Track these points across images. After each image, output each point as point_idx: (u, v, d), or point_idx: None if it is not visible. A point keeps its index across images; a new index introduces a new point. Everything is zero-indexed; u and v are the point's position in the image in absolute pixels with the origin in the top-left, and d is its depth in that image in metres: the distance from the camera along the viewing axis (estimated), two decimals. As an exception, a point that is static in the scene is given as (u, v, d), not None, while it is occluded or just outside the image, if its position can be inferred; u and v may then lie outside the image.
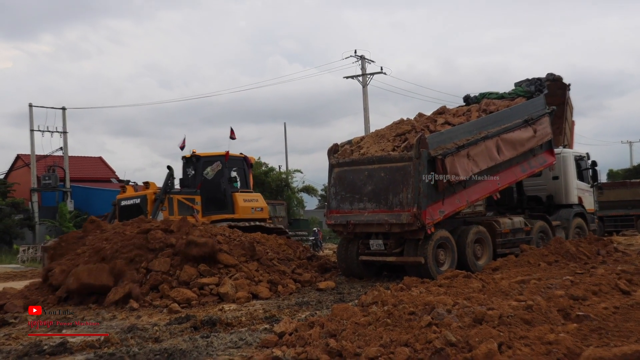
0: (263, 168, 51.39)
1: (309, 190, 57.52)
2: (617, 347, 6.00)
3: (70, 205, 44.60)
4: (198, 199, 20.95)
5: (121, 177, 57.28)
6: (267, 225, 21.73)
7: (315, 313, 12.24)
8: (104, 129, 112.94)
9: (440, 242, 17.18)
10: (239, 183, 22.82)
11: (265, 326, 11.28)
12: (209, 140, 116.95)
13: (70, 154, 47.58)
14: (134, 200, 20.48)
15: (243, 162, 23.14)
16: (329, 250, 29.87)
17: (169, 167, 20.94)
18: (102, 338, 10.36)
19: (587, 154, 24.25)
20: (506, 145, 18.90)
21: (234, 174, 22.76)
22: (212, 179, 21.34)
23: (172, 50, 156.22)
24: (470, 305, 9.33)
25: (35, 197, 44.57)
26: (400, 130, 18.51)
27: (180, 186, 22.00)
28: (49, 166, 46.14)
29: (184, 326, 11.45)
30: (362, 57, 47.00)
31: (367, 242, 17.89)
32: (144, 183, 21.58)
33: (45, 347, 9.97)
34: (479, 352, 7.13)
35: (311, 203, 65.49)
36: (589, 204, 23.69)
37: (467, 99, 22.39)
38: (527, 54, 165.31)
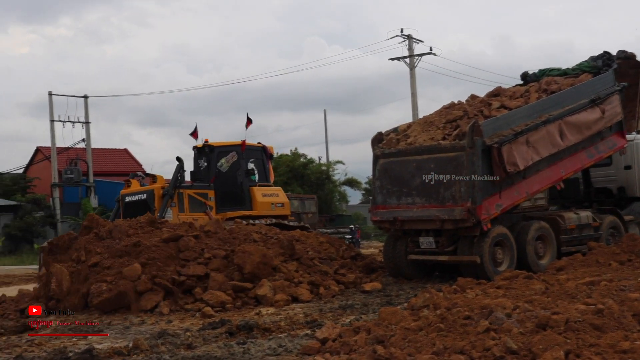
0: (302, 160, 51.50)
1: (352, 183, 57.59)
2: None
3: (94, 201, 45.04)
4: (212, 194, 20.33)
5: (148, 171, 57.74)
6: (288, 222, 21.26)
7: (361, 317, 12.21)
8: (129, 118, 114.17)
9: (497, 239, 16.98)
10: (257, 176, 21.80)
11: (307, 332, 11.29)
12: (243, 130, 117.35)
13: (93, 145, 48.07)
14: (140, 195, 19.75)
15: (262, 153, 22.34)
16: (374, 248, 29.80)
17: (178, 159, 20.28)
18: (131, 345, 10.43)
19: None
20: (570, 129, 18.45)
21: (251, 165, 21.67)
22: (227, 171, 20.76)
23: (201, 32, 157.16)
24: (532, 309, 9.23)
25: (56, 193, 45.10)
26: (450, 116, 18.29)
27: (191, 179, 21.46)
28: (70, 159, 46.59)
29: (219, 331, 11.49)
30: (409, 37, 46.83)
31: (417, 240, 17.73)
32: (151, 176, 20.93)
33: (71, 354, 10.06)
34: (544, 361, 7.04)
35: (354, 197, 65.51)
36: (668, 196, 23.21)
37: (525, 77, 21.99)
38: (595, 29, 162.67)
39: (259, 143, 22.74)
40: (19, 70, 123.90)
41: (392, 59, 48.71)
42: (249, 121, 23.55)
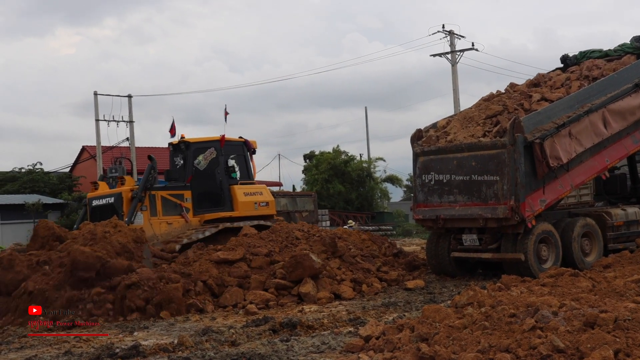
0: (343, 157, 51.61)
1: (393, 180, 57.65)
2: None
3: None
4: (188, 194, 18.60)
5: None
6: (271, 224, 19.10)
7: (404, 315, 12.21)
8: (172, 117, 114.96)
9: (542, 236, 16.85)
10: (238, 173, 20.05)
11: (350, 329, 11.29)
12: (285, 127, 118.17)
13: (137, 144, 48.43)
14: (107, 199, 18.00)
15: (243, 148, 20.42)
16: (416, 246, 29.74)
17: (150, 158, 18.84)
18: (176, 341, 10.54)
19: None
20: (614, 117, 18.15)
21: (232, 162, 19.93)
22: (205, 169, 18.94)
23: (242, 31, 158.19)
24: (579, 307, 9.12)
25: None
26: (490, 111, 18.13)
27: (166, 179, 19.87)
28: (115, 158, 46.88)
29: (262, 329, 11.55)
30: (450, 33, 46.66)
31: (460, 237, 17.69)
32: (119, 178, 18.93)
33: (117, 350, 10.19)
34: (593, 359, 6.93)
35: (396, 194, 65.40)
36: None
37: (566, 60, 21.63)
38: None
39: (240, 137, 20.89)
40: (65, 71, 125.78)
41: (434, 55, 48.67)
42: (226, 113, 22.69)
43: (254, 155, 20.81)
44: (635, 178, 21.33)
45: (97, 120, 45.24)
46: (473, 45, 47.38)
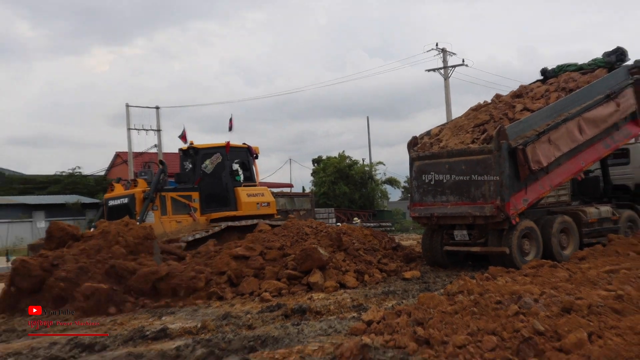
0: (347, 161, 51.60)
1: (391, 182, 57.54)
2: None
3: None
4: (196, 195, 18.35)
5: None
6: (270, 222, 18.84)
7: (402, 302, 12.19)
8: (195, 126, 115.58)
9: (524, 232, 16.87)
10: (242, 176, 19.60)
11: (353, 314, 11.27)
12: (296, 135, 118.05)
13: (164, 150, 48.49)
14: (122, 199, 17.73)
15: (247, 153, 20.10)
16: (412, 240, 29.69)
17: (161, 162, 18.95)
18: (199, 325, 10.54)
19: (679, 141, 23.38)
20: (588, 124, 18.20)
21: (236, 166, 19.49)
22: (211, 172, 18.71)
23: (256, 49, 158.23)
24: (557, 294, 9.16)
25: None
26: (478, 120, 18.22)
27: (176, 181, 19.80)
28: (145, 162, 46.92)
29: (275, 314, 11.57)
30: (443, 50, 46.63)
31: (451, 233, 17.76)
32: (132, 181, 18.78)
33: (148, 332, 10.24)
34: (569, 342, 6.97)
35: (394, 194, 65.38)
36: (680, 191, 22.90)
37: (545, 73, 21.65)
38: (614, 40, 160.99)
39: (244, 144, 20.44)
40: (101, 86, 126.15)
41: (428, 70, 48.72)
42: (231, 123, 22.39)
43: (256, 160, 20.50)
44: (607, 180, 21.37)
45: (129, 129, 45.41)
46: (463, 61, 47.47)
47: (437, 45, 46.79)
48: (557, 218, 17.91)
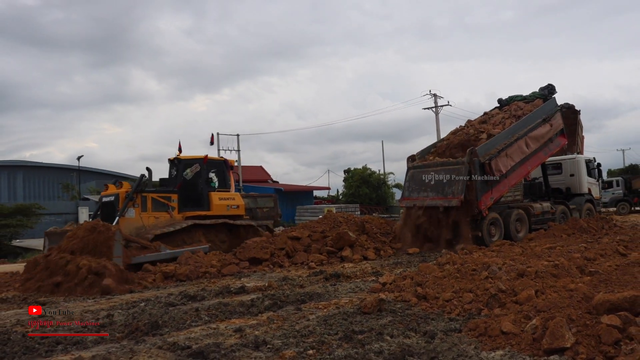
0: (368, 172, 51.42)
1: (399, 186, 56.88)
2: (619, 292, 5.78)
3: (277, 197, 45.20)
4: (175, 197, 16.03)
5: (274, 179, 58.27)
6: (234, 222, 16.65)
7: (407, 269, 12.14)
8: (263, 147, 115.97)
9: (492, 221, 16.77)
10: (216, 183, 17.44)
11: (373, 278, 11.29)
12: (332, 153, 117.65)
13: (242, 164, 48.63)
14: (110, 197, 15.70)
15: (223, 165, 17.67)
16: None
17: (147, 169, 16.51)
18: (266, 284, 10.54)
19: (594, 158, 23.25)
20: (532, 140, 18.18)
21: (212, 175, 17.38)
22: (191, 179, 16.46)
23: (305, 94, 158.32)
24: (514, 264, 9.14)
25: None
26: (457, 141, 18.52)
27: (160, 185, 17.44)
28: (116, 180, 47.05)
29: (318, 278, 11.60)
30: (434, 95, 46.23)
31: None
32: (120, 182, 16.52)
33: (232, 289, 10.31)
34: (522, 296, 7.01)
35: (400, 194, 64.81)
36: (596, 193, 22.76)
37: (500, 101, 21.54)
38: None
39: (221, 157, 18.17)
40: (200, 121, 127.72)
41: (424, 109, 48.78)
42: (212, 139, 19.63)
43: (232, 171, 17.99)
44: (547, 185, 21.29)
45: (218, 150, 45.51)
46: (449, 102, 47.94)
47: (430, 91, 46.81)
48: (514, 211, 17.80)
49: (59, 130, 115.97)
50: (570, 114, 21.82)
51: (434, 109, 46.45)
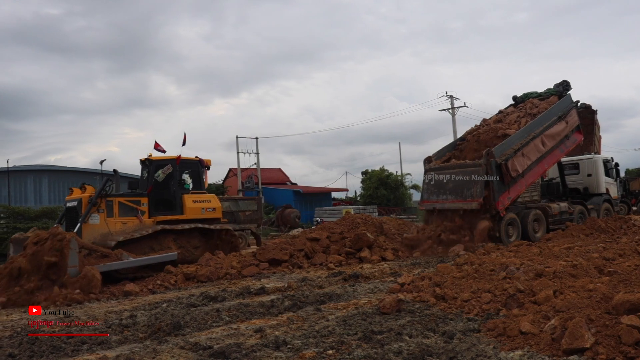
0: (385, 173, 51.36)
1: (416, 187, 56.69)
2: (639, 292, 5.70)
3: (261, 199, 45.55)
4: (145, 200, 14.65)
5: (293, 181, 58.37)
6: (209, 226, 15.24)
7: (425, 270, 12.08)
8: (281, 150, 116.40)
9: (509, 221, 16.63)
10: (190, 185, 15.96)
11: (391, 279, 11.26)
12: (350, 155, 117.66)
13: (261, 167, 48.84)
14: (73, 202, 14.24)
15: (198, 165, 16.10)
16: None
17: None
18: (286, 285, 10.57)
19: (612, 158, 22.91)
20: (548, 139, 17.99)
21: (185, 176, 15.89)
22: (162, 181, 15.01)
23: (322, 97, 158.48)
24: (532, 264, 9.08)
25: (240, 195, 45.92)
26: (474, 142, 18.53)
27: (129, 188, 15.71)
28: (248, 175, 47.47)
29: (337, 278, 11.58)
30: (451, 96, 46.05)
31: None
32: (83, 186, 15.00)
33: (252, 290, 10.34)
34: (540, 297, 6.94)
35: (417, 196, 64.48)
36: (614, 193, 22.41)
37: (515, 98, 21.35)
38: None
39: (196, 157, 16.39)
40: (219, 125, 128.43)
41: (441, 110, 48.61)
42: (185, 139, 17.87)
43: (208, 171, 16.45)
44: (564, 185, 21.09)
45: (238, 153, 45.74)
46: (465, 104, 47.07)
47: (446, 93, 46.73)
48: (532, 211, 17.62)
49: (82, 135, 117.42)
50: (587, 114, 21.59)
51: (450, 111, 46.26)
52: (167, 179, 15.06)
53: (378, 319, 7.16)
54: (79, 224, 13.31)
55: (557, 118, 18.60)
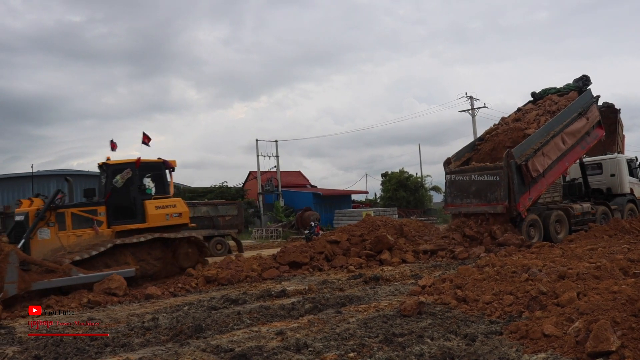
0: (405, 175, 51.19)
1: (436, 189, 56.50)
2: (666, 295, 5.61)
3: (281, 202, 45.58)
4: (102, 209, 13.33)
5: (312, 184, 58.37)
6: (166, 235, 13.66)
7: (446, 272, 12.07)
8: (301, 152, 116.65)
9: (531, 222, 16.52)
10: (153, 189, 14.21)
11: (412, 281, 11.21)
12: (370, 157, 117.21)
13: (281, 169, 48.97)
14: (21, 216, 12.89)
15: (161, 167, 14.51)
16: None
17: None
18: (307, 287, 10.58)
19: (636, 157, 22.46)
20: (569, 136, 17.76)
21: (147, 180, 14.13)
22: (121, 187, 13.59)
23: (341, 99, 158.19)
24: (555, 266, 8.96)
25: (260, 198, 45.86)
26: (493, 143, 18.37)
27: (84, 196, 14.07)
28: (268, 178, 47.56)
29: (358, 281, 11.56)
30: (471, 97, 45.88)
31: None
32: (31, 199, 13.59)
33: (273, 292, 10.35)
34: (563, 299, 6.84)
35: (437, 197, 64.29)
36: (639, 193, 22.02)
37: (534, 95, 21.13)
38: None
39: (159, 158, 14.73)
40: (239, 128, 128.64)
41: (461, 111, 48.35)
42: (145, 138, 15.59)
43: (173, 173, 14.86)
44: (587, 185, 20.76)
45: (258, 156, 45.88)
46: (485, 104, 47.36)
47: (466, 94, 46.36)
48: (553, 212, 17.45)
49: (104, 139, 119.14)
50: (610, 113, 21.27)
51: (470, 112, 46.00)
52: (126, 185, 13.76)
53: (399, 322, 7.12)
54: (23, 240, 12.25)
55: (577, 115, 18.33)
